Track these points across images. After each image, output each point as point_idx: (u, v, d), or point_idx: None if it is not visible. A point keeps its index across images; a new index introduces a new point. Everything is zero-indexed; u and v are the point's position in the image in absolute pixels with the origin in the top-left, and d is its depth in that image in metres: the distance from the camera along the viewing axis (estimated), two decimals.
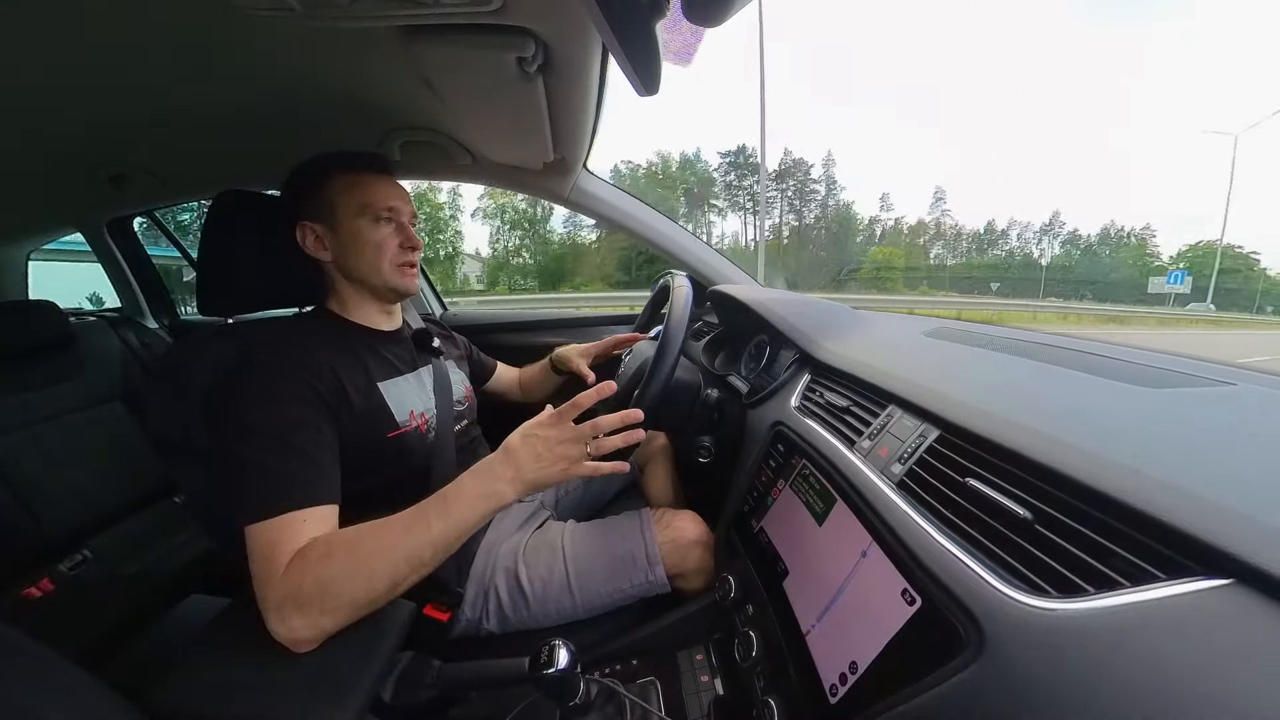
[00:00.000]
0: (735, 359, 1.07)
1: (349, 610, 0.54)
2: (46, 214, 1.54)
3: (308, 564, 0.53)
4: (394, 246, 0.76)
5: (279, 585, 0.52)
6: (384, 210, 0.74)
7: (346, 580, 0.53)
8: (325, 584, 0.52)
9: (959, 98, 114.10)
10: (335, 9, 0.54)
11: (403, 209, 0.77)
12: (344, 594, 0.53)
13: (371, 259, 0.75)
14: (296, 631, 0.52)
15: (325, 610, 0.52)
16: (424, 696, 0.56)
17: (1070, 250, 60.97)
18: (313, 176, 0.75)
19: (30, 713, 0.38)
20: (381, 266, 0.75)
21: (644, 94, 0.53)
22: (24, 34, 0.62)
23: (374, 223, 0.74)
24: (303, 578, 0.52)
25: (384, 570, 0.54)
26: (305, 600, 0.52)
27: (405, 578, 0.55)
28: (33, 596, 1.08)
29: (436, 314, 1.75)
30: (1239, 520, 0.30)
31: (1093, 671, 0.29)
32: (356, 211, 0.74)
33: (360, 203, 0.74)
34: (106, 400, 1.39)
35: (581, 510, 1.05)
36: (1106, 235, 60.60)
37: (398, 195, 0.77)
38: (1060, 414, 0.47)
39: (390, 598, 0.56)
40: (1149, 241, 59.56)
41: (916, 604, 0.41)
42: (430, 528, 0.56)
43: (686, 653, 0.74)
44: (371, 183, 0.75)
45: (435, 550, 0.56)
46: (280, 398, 0.62)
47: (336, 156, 0.76)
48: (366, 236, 0.74)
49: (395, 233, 0.76)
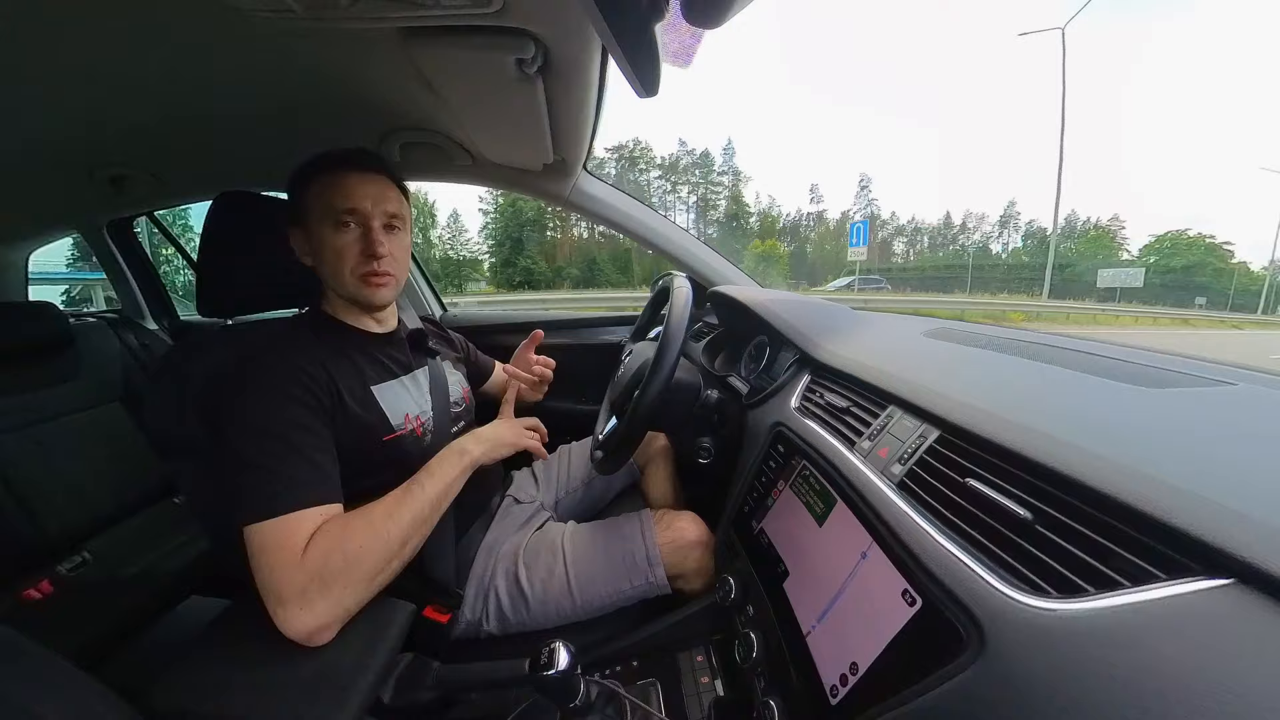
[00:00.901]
0: (735, 360, 1.07)
1: (367, 581, 0.57)
2: (46, 215, 1.54)
3: (331, 540, 0.56)
4: (354, 254, 0.69)
5: (301, 569, 0.54)
6: (344, 213, 0.68)
7: (368, 547, 0.57)
8: (349, 555, 0.56)
9: (909, 82, 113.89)
10: (335, 10, 0.54)
11: (370, 210, 0.69)
12: (366, 561, 0.57)
13: (332, 267, 0.70)
14: (320, 616, 0.53)
15: (350, 583, 0.55)
16: (424, 698, 0.56)
17: (1029, 243, 59.54)
18: (297, 181, 0.71)
19: (30, 713, 0.38)
20: (342, 275, 0.70)
21: (644, 95, 0.53)
22: (24, 35, 0.62)
23: (335, 228, 0.68)
24: (329, 554, 0.55)
25: (396, 531, 0.60)
26: (331, 576, 0.54)
27: (411, 535, 0.62)
28: (32, 598, 1.08)
29: (436, 315, 1.75)
30: (1239, 520, 0.30)
31: (1093, 672, 0.29)
32: (319, 216, 0.69)
33: (322, 206, 0.68)
34: (106, 401, 1.39)
35: (582, 511, 1.05)
36: (1071, 227, 59.15)
37: (367, 195, 0.69)
38: (1060, 414, 0.47)
39: (401, 565, 0.62)
40: (1117, 233, 57.73)
41: (917, 605, 0.41)
42: (423, 486, 0.66)
43: (687, 654, 0.74)
44: (339, 182, 0.68)
45: (432, 506, 0.65)
46: (280, 398, 0.62)
47: (325, 157, 0.71)
48: (327, 243, 0.69)
49: (358, 239, 0.69)
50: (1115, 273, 34.50)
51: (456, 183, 1.26)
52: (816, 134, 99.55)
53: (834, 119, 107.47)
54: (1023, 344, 0.74)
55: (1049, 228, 56.59)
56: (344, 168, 0.70)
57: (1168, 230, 53.09)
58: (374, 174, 0.71)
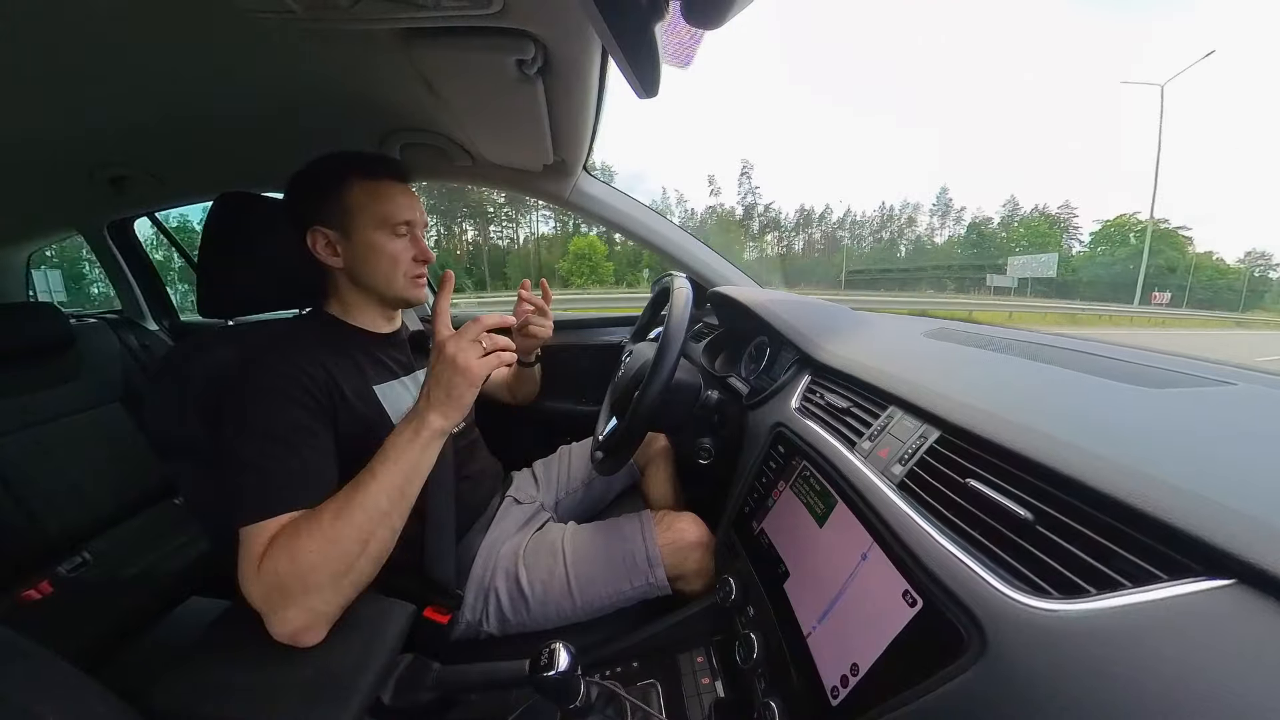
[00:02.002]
0: (735, 360, 1.07)
1: (332, 584, 0.54)
2: (47, 216, 1.54)
3: (280, 551, 0.53)
4: (408, 260, 0.75)
5: (259, 580, 0.53)
6: (402, 224, 0.74)
7: (318, 551, 0.53)
8: (298, 560, 0.52)
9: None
10: (336, 11, 0.54)
11: (417, 221, 0.76)
12: (319, 566, 0.53)
13: (387, 271, 0.74)
14: (292, 621, 0.52)
15: (309, 588, 0.52)
16: (424, 699, 0.56)
17: (972, 233, 56.27)
18: (329, 179, 0.72)
19: (30, 714, 0.38)
20: (396, 279, 0.75)
21: (644, 96, 0.53)
22: (25, 35, 0.62)
23: (391, 236, 0.73)
24: (277, 563, 0.52)
25: (349, 532, 0.54)
26: (287, 585, 0.52)
27: (372, 532, 0.56)
28: (32, 599, 1.08)
29: None
30: (1240, 520, 0.30)
31: (1095, 672, 0.29)
32: (375, 223, 0.72)
33: (380, 214, 0.72)
34: (106, 402, 1.39)
35: (582, 512, 1.05)
36: (1011, 215, 55.64)
37: (414, 207, 0.76)
38: (1061, 414, 0.47)
39: (372, 562, 0.56)
40: (1068, 221, 53.74)
41: (918, 605, 0.41)
42: (375, 475, 0.57)
43: (687, 655, 0.74)
44: (392, 193, 0.74)
45: (390, 496, 0.57)
46: (280, 400, 0.62)
47: (355, 160, 0.73)
48: (383, 249, 0.73)
49: (410, 245, 0.76)
50: (1026, 261, 30.54)
51: (457, 183, 1.26)
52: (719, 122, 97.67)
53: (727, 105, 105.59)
54: (1023, 344, 0.74)
55: (983, 218, 53.69)
56: (386, 176, 0.74)
57: (1119, 214, 49.02)
58: (405, 184, 0.77)
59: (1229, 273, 46.09)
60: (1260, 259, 46.28)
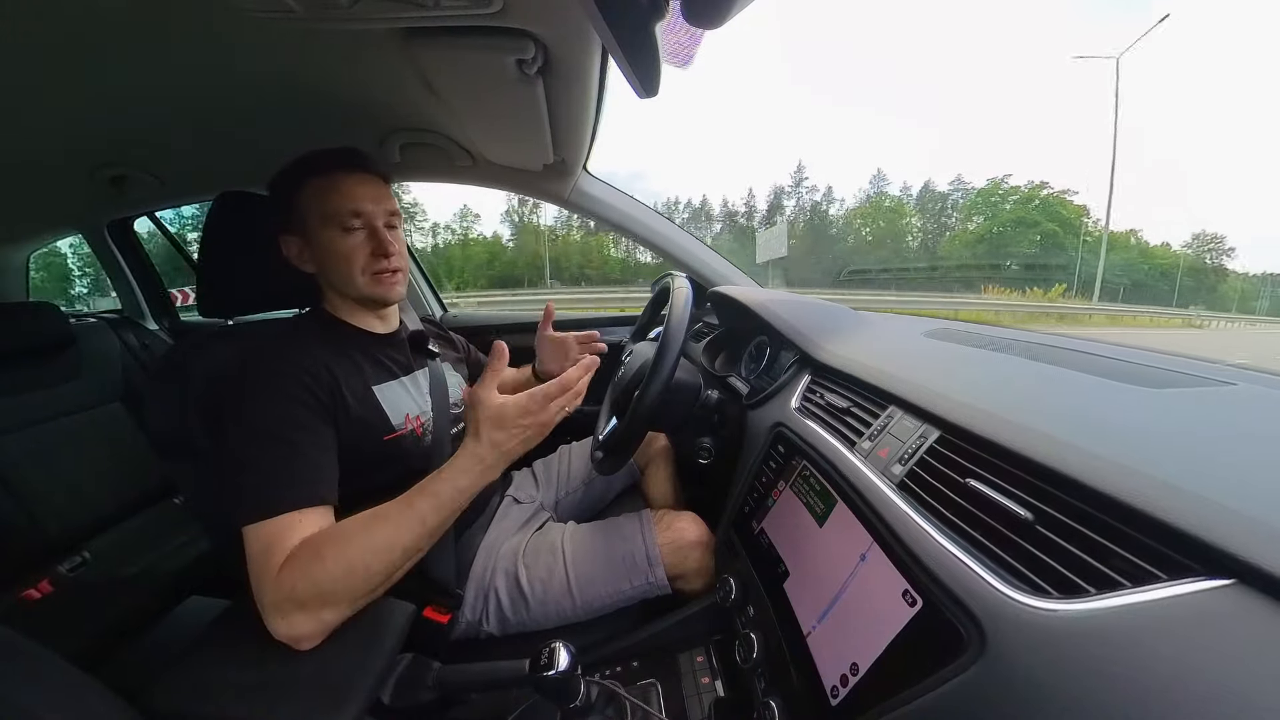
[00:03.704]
0: (735, 360, 1.07)
1: (349, 603, 0.55)
2: (47, 215, 1.54)
3: (298, 567, 0.53)
4: (364, 255, 0.71)
5: (273, 588, 0.53)
6: (349, 216, 0.69)
7: (343, 580, 0.53)
8: (319, 585, 0.53)
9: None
10: (336, 11, 0.54)
11: (374, 211, 0.71)
12: (340, 592, 0.54)
13: (343, 271, 0.71)
14: (298, 628, 0.53)
15: (326, 605, 0.53)
16: (424, 698, 0.56)
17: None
18: (287, 185, 0.71)
19: (29, 714, 0.38)
20: (354, 278, 0.71)
21: (644, 96, 0.54)
22: (25, 35, 0.62)
23: (340, 232, 0.69)
24: (295, 581, 0.53)
25: (379, 565, 0.55)
26: (303, 600, 0.52)
27: (401, 566, 0.57)
28: (32, 598, 1.08)
29: (436, 315, 1.75)
30: (1240, 520, 0.30)
31: (1094, 672, 0.29)
32: (322, 221, 0.69)
33: (324, 211, 0.69)
34: (107, 401, 1.39)
35: (582, 512, 1.05)
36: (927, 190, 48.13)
37: (366, 196, 0.70)
38: (1061, 414, 0.47)
39: (390, 584, 0.58)
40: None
41: (917, 605, 0.41)
42: (425, 521, 0.57)
43: (687, 654, 0.74)
44: (338, 185, 0.69)
45: (431, 538, 0.59)
46: (280, 398, 0.62)
47: (309, 159, 0.71)
48: (332, 247, 0.70)
49: (366, 240, 0.71)
50: (767, 237, 21.61)
51: (457, 183, 1.26)
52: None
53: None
54: (1023, 344, 0.74)
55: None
56: (336, 169, 0.70)
57: (990, 179, 36.49)
58: (365, 173, 0.72)
59: (1157, 256, 34.71)
60: (1210, 244, 36.32)
